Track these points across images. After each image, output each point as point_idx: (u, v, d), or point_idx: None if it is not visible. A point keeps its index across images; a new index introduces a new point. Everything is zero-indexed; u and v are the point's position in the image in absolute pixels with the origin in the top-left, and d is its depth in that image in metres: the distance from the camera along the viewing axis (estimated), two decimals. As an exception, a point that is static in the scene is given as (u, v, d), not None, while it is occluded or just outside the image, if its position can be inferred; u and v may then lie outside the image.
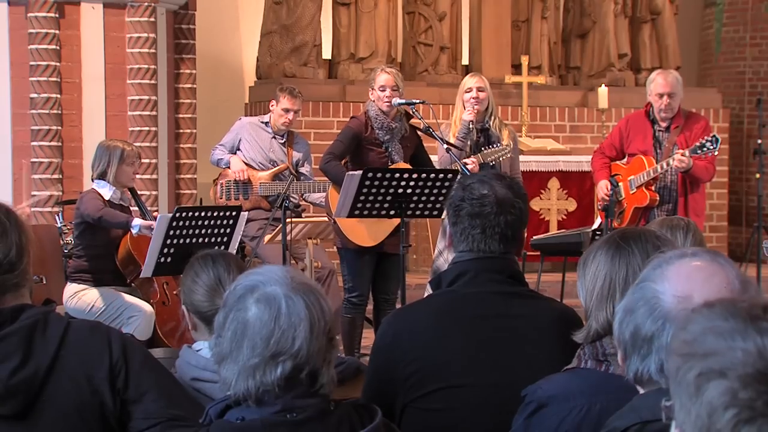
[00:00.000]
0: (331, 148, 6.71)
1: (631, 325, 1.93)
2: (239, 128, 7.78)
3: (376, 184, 6.00)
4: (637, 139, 7.21)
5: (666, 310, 1.89)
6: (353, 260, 6.69)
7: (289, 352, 2.11)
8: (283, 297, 2.12)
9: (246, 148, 7.70)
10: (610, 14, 11.47)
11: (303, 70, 10.48)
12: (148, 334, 6.31)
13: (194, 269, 3.12)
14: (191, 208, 6.08)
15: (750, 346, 1.38)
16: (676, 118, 7.16)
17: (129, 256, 6.38)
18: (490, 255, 3.05)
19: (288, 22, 10.49)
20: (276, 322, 2.11)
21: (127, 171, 6.44)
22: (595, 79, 11.40)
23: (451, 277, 3.08)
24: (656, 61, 11.66)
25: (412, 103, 6.66)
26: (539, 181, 10.28)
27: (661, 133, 7.18)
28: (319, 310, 2.14)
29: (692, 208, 7.16)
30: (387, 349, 3.03)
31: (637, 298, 1.93)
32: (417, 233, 9.90)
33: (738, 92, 12.34)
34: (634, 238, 2.58)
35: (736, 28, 12.44)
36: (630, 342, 1.94)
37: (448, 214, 3.14)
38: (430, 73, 10.95)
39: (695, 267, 1.92)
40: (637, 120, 7.35)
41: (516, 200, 3.09)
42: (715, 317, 1.44)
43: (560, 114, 11.07)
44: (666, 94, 7.08)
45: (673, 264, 1.93)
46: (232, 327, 2.13)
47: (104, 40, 8.61)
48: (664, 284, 1.91)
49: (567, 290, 7.95)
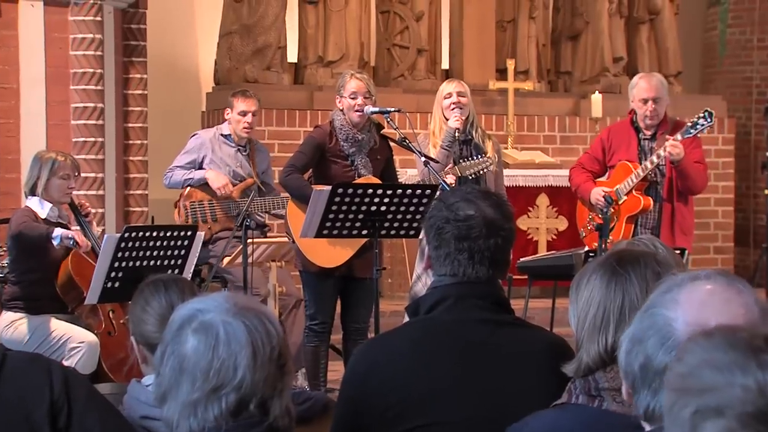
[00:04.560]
0: (293, 160, 6.72)
1: (640, 356, 1.91)
2: (199, 146, 7.74)
3: (347, 201, 6.00)
4: (620, 150, 7.24)
5: (679, 339, 1.85)
6: (315, 284, 6.69)
7: (231, 384, 2.09)
8: (221, 323, 2.11)
9: (211, 167, 7.67)
10: (604, 14, 11.53)
11: (266, 74, 10.49)
12: (92, 367, 6.29)
13: (144, 296, 3.11)
14: (141, 227, 6.08)
15: (750, 382, 1.39)
16: (662, 125, 7.20)
17: (70, 281, 6.35)
18: (475, 280, 3.07)
19: (249, 21, 10.50)
20: (214, 352, 2.10)
21: (60, 185, 6.40)
22: (588, 85, 11.46)
23: (431, 302, 3.09)
24: (655, 65, 11.72)
25: (387, 112, 6.67)
26: (527, 198, 10.31)
27: (646, 142, 7.21)
28: (264, 334, 2.12)
29: (679, 224, 7.15)
30: (360, 381, 3.03)
31: (646, 326, 1.91)
32: (392, 255, 9.90)
33: (745, 100, 12.42)
34: (632, 262, 2.58)
35: (742, 30, 12.53)
36: (640, 375, 1.92)
37: (428, 236, 3.13)
38: (407, 79, 10.98)
39: (710, 291, 1.91)
40: (620, 129, 7.38)
41: (505, 221, 3.10)
42: (713, 348, 1.44)
43: (550, 123, 11.12)
44: (650, 99, 7.11)
45: (685, 288, 1.92)
46: (170, 362, 2.13)
47: (45, 41, 8.59)
48: (677, 311, 1.89)
49: (557, 318, 7.96)
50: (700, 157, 7.26)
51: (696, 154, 7.22)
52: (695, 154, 7.21)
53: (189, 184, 7.66)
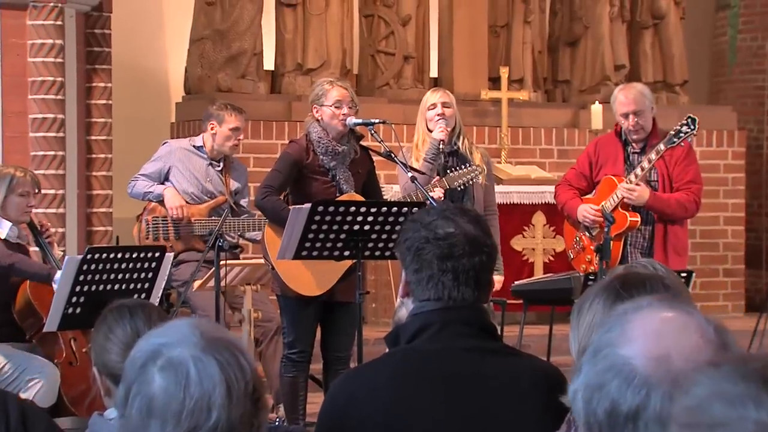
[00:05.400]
0: (268, 180, 6.72)
1: (605, 402, 1.89)
2: (167, 155, 7.74)
3: (328, 220, 6.01)
4: (607, 165, 7.23)
5: (645, 375, 1.84)
6: (294, 310, 6.69)
7: (206, 426, 2.08)
8: (191, 360, 2.09)
9: (177, 178, 7.66)
10: (605, 18, 11.57)
11: (241, 83, 10.50)
12: (51, 399, 6.27)
13: (108, 323, 3.11)
14: (105, 248, 6.08)
15: (764, 416, 1.38)
16: (652, 137, 7.16)
17: (29, 307, 6.34)
18: (461, 304, 3.07)
19: (222, 26, 10.51)
20: (185, 392, 2.08)
21: (19, 203, 6.40)
22: (588, 95, 11.49)
23: (412, 331, 3.09)
24: (659, 73, 11.77)
25: (371, 124, 6.67)
26: (521, 216, 10.33)
27: (635, 156, 7.19)
28: (237, 368, 2.11)
29: (672, 244, 7.13)
30: (339, 415, 3.05)
31: (602, 369, 1.88)
32: (376, 278, 9.90)
33: (756, 111, 12.45)
34: (637, 286, 2.58)
35: (753, 36, 12.58)
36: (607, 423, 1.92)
37: (405, 259, 3.13)
38: (392, 88, 11.00)
39: (662, 320, 1.90)
40: (607, 143, 7.37)
41: (486, 237, 3.12)
42: (723, 380, 1.44)
43: (546, 136, 11.15)
44: (631, 113, 7.08)
45: (633, 321, 1.90)
46: (136, 404, 2.11)
47: (1, 47, 8.58)
48: (632, 346, 1.87)
49: (555, 345, 7.96)
50: (694, 176, 7.20)
51: (690, 171, 7.17)
52: (689, 171, 7.17)
53: (149, 198, 7.64)
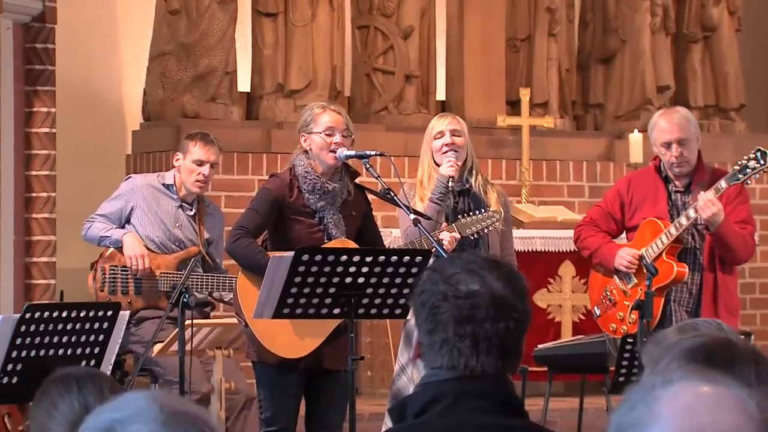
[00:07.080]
0: (242, 221, 6.72)
1: None
2: (129, 192, 7.72)
3: (314, 271, 6.00)
4: (644, 206, 7.21)
5: None
6: (273, 379, 6.68)
7: None
8: None
9: (141, 221, 7.63)
10: (645, 30, 11.60)
11: (210, 107, 10.51)
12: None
13: (50, 396, 3.11)
14: (47, 305, 6.07)
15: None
16: (698, 173, 7.18)
17: (-44, 376, 6.34)
18: (479, 374, 3.07)
19: (188, 39, 10.53)
20: None
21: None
22: (625, 122, 11.52)
23: (422, 403, 3.08)
24: (711, 95, 11.81)
25: (366, 156, 6.68)
26: (546, 266, 10.33)
27: (678, 195, 7.20)
28: None
29: (724, 301, 7.10)
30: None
31: None
32: (372, 340, 9.90)
33: (825, 140, 12.50)
34: (725, 363, 2.58)
35: (821, 51, 12.65)
36: None
37: (419, 316, 3.13)
38: (392, 113, 11.02)
39: (696, 395, 1.93)
40: (643, 180, 7.35)
41: (518, 300, 3.10)
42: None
43: (576, 170, 11.17)
44: (674, 142, 7.09)
45: (661, 397, 1.94)
46: None
47: (-76, 64, 8.62)
48: (660, 426, 1.91)
49: (587, 421, 7.94)
50: (747, 216, 7.21)
51: (742, 211, 7.16)
52: (741, 211, 7.15)
53: (105, 244, 7.62)
